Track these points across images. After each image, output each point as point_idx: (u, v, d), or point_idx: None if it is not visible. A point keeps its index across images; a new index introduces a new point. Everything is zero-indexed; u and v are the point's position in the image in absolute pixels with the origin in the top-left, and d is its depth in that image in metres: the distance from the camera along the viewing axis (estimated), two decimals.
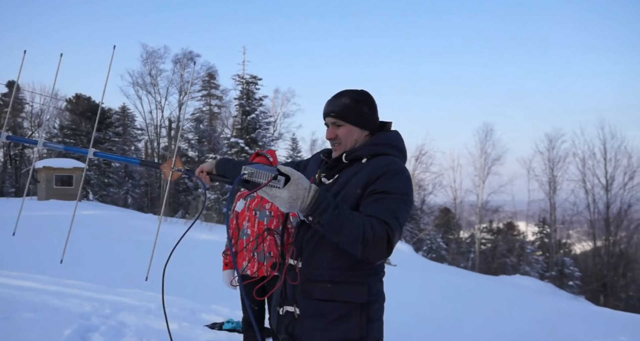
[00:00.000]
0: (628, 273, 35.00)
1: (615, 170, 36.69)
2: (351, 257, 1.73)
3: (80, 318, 4.90)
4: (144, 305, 5.88)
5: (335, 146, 1.91)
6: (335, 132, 1.87)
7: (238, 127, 28.88)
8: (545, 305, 13.79)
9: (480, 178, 40.13)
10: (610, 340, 8.49)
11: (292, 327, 1.87)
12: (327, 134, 1.90)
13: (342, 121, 1.86)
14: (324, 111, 1.91)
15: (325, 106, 1.91)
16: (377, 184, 1.73)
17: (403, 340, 5.53)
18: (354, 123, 1.87)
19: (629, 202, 35.86)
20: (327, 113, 1.89)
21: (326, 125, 1.92)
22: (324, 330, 1.79)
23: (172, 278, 8.42)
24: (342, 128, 1.87)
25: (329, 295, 1.79)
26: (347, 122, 1.86)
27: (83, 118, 39.44)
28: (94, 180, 37.51)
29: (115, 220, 19.35)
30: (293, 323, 1.87)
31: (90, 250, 11.18)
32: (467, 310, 9.82)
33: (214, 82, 42.15)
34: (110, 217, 20.25)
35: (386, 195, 1.71)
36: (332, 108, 1.87)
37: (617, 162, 36.78)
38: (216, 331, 5.07)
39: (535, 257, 38.39)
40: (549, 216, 38.89)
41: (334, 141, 1.89)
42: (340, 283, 1.79)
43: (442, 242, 39.61)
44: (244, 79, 28.85)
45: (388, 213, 1.66)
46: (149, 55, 40.60)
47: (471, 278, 22.19)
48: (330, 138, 1.89)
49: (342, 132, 1.87)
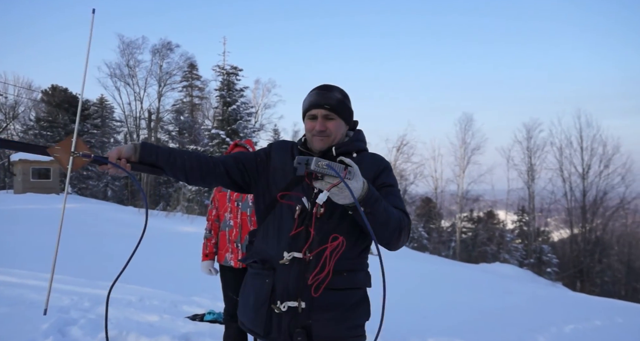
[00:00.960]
0: (603, 259, 35.91)
1: (591, 158, 37.50)
2: (359, 246, 1.86)
3: (58, 312, 4.83)
4: (124, 298, 5.83)
5: (321, 138, 1.88)
6: (326, 124, 1.87)
7: (219, 118, 28.61)
8: (524, 291, 14.07)
9: (461, 168, 40.59)
10: (585, 324, 8.70)
11: (298, 323, 1.78)
12: (319, 126, 1.86)
13: (335, 114, 1.88)
14: (316, 102, 1.87)
15: (317, 98, 1.88)
16: (383, 178, 1.89)
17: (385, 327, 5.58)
18: (343, 118, 1.91)
19: (605, 190, 36.71)
20: (320, 104, 1.86)
21: (312, 116, 1.88)
22: (341, 319, 1.82)
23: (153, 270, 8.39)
24: (333, 121, 1.88)
25: (346, 284, 1.83)
26: (339, 116, 1.89)
27: (60, 110, 38.64)
28: (73, 173, 36.81)
29: (94, 213, 19.08)
30: (298, 318, 1.78)
31: (69, 244, 11.01)
32: (448, 298, 9.96)
33: (195, 72, 41.65)
34: (89, 210, 19.95)
35: (393, 188, 1.89)
36: (327, 101, 1.87)
37: (593, 150, 37.58)
38: (197, 323, 5.05)
39: (514, 245, 39.07)
40: (527, 204, 39.58)
41: (323, 133, 1.87)
42: (353, 270, 1.86)
43: (424, 231, 40.05)
44: (224, 69, 28.54)
45: (403, 204, 1.84)
46: (127, 46, 39.89)
47: (452, 266, 22.49)
48: (321, 130, 1.86)
49: (333, 125, 1.88)
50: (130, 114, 42.48)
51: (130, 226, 17.06)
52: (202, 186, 1.99)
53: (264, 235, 1.91)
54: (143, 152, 1.82)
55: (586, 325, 8.64)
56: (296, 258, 1.79)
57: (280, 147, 2.00)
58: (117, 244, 11.93)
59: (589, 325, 8.65)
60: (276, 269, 1.82)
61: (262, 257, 1.88)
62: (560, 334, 7.42)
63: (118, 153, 1.76)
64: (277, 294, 1.80)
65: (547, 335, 7.11)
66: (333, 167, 1.57)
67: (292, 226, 1.82)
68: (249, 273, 1.97)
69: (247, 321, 1.90)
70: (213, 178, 1.92)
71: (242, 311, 1.95)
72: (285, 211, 1.85)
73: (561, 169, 38.24)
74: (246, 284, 1.97)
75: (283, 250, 1.81)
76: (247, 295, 1.92)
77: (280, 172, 1.91)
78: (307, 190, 1.84)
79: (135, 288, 6.45)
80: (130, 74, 40.76)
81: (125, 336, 4.34)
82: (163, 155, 1.85)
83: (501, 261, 34.07)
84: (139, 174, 38.10)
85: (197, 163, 1.87)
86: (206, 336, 4.55)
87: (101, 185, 39.02)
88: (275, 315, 1.80)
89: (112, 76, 40.52)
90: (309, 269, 1.77)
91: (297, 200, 1.84)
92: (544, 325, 7.87)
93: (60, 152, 1.73)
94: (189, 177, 1.88)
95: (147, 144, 1.85)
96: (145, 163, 1.83)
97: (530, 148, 39.87)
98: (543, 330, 7.40)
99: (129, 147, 1.80)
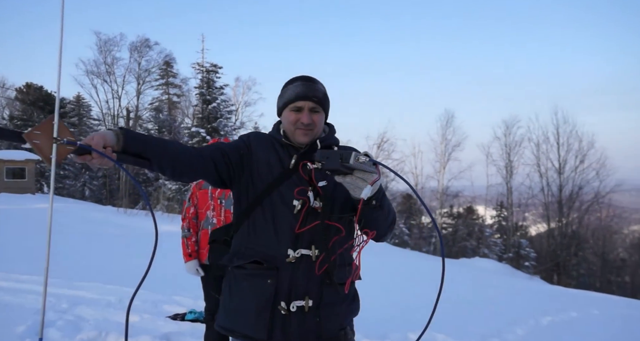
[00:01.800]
0: (579, 252, 36.70)
1: (568, 153, 38.33)
2: (348, 240, 1.80)
3: (35, 314, 4.74)
4: (103, 298, 5.76)
5: (306, 132, 1.80)
6: (312, 117, 1.80)
7: (199, 116, 28.39)
8: (502, 285, 14.31)
9: (441, 164, 40.98)
10: (562, 315, 8.91)
11: (306, 322, 1.73)
12: (306, 119, 1.77)
13: (320, 108, 1.82)
14: (303, 94, 1.79)
15: (304, 89, 1.80)
16: None
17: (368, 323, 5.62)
18: (326, 112, 1.87)
19: (580, 184, 37.55)
20: (308, 97, 1.79)
21: (297, 108, 1.80)
22: (345, 312, 1.83)
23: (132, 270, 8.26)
24: (318, 115, 1.82)
25: (346, 277, 1.79)
26: (324, 109, 1.85)
27: (35, 108, 37.83)
28: (48, 172, 36.15)
29: (72, 213, 18.75)
30: (306, 317, 1.73)
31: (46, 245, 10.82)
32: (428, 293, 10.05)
33: (172, 70, 41.18)
34: (66, 210, 19.60)
35: None
36: (315, 94, 1.80)
37: (569, 146, 38.41)
38: (178, 322, 5.02)
39: (493, 240, 39.63)
40: (506, 200, 40.17)
41: (309, 127, 1.79)
42: (349, 264, 1.85)
43: (405, 228, 40.35)
44: (203, 67, 28.31)
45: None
46: (104, 43, 39.22)
47: (433, 261, 22.71)
48: (308, 123, 1.78)
49: (318, 118, 1.82)
50: (108, 112, 41.87)
51: (108, 225, 16.83)
52: (184, 181, 1.78)
53: (251, 233, 1.79)
54: (128, 140, 1.53)
55: (563, 316, 8.85)
56: (304, 256, 1.73)
57: (259, 139, 1.88)
58: (96, 244, 11.76)
59: (565, 317, 8.86)
60: (280, 268, 1.72)
61: (261, 257, 1.74)
62: (537, 326, 7.57)
63: (103, 140, 1.44)
64: (281, 294, 1.71)
65: (524, 327, 7.25)
66: (369, 164, 1.58)
67: (293, 222, 1.73)
68: (239, 274, 1.79)
69: (243, 328, 1.75)
70: (201, 173, 1.74)
71: (234, 317, 1.78)
72: (279, 206, 1.75)
73: (538, 165, 39.01)
74: (236, 287, 1.80)
75: (287, 248, 1.73)
76: (241, 299, 1.77)
77: (265, 166, 1.81)
78: (298, 184, 1.76)
79: (114, 289, 6.37)
80: (108, 71, 40.16)
81: (104, 337, 4.29)
82: (151, 144, 1.60)
83: (481, 256, 34.54)
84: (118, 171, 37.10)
85: (187, 155, 1.68)
86: (187, 335, 4.52)
87: (78, 184, 38.32)
88: (279, 316, 1.71)
89: (88, 73, 39.87)
90: (318, 265, 1.72)
91: (291, 195, 1.75)
92: (522, 317, 8.02)
93: (40, 138, 1.35)
94: (176, 171, 1.66)
95: (130, 130, 1.58)
96: (130, 153, 1.54)
97: (508, 145, 40.49)
98: (521, 322, 7.55)
99: (110, 134, 1.48)
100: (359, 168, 1.56)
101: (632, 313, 11.08)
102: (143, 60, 40.04)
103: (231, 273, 1.84)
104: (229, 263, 1.83)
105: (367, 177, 1.58)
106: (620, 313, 10.68)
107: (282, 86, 1.89)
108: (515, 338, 6.36)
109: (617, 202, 41.68)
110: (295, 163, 1.79)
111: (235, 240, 1.87)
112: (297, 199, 1.75)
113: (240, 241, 1.83)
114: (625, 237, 47.75)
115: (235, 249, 1.84)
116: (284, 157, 1.82)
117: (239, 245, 1.83)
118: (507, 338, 6.25)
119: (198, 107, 28.96)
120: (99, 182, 40.05)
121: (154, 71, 40.51)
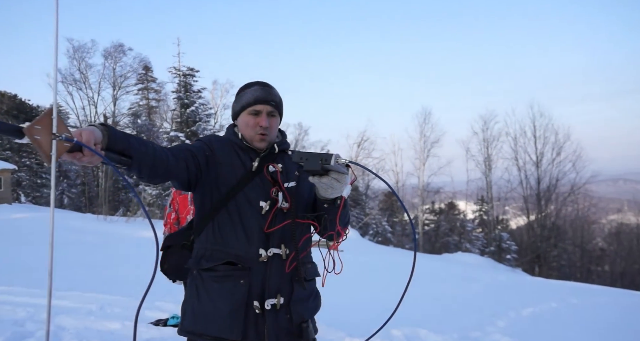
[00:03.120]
0: (559, 243, 37.37)
1: (544, 146, 38.97)
2: (311, 240, 1.91)
3: (13, 325, 4.67)
4: (83, 307, 5.69)
5: (263, 135, 1.83)
6: (270, 121, 1.83)
7: (177, 120, 28.11)
8: (484, 279, 14.50)
9: (421, 161, 41.29)
10: (542, 306, 9.09)
11: (279, 319, 1.76)
12: (264, 122, 1.80)
13: (277, 112, 1.87)
14: (262, 98, 1.82)
15: (262, 93, 1.83)
16: None
17: (351, 321, 5.66)
18: (281, 116, 1.91)
19: (557, 177, 38.21)
20: (267, 101, 1.82)
21: (256, 112, 1.82)
22: (312, 308, 1.90)
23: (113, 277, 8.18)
24: (274, 119, 1.86)
25: (313, 274, 1.92)
26: (279, 114, 1.89)
27: (9, 117, 37.01)
28: (26, 181, 35.47)
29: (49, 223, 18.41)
30: (278, 314, 1.76)
31: (24, 255, 10.63)
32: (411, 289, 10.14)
33: (150, 75, 40.71)
34: (45, 219, 19.21)
35: None
36: (273, 98, 1.84)
37: (545, 139, 39.06)
38: (160, 328, 4.99)
39: (475, 234, 40.08)
40: (486, 194, 40.68)
41: (266, 130, 1.82)
42: (313, 262, 1.96)
43: (387, 225, 40.57)
44: (180, 71, 28.05)
45: None
46: (76, 50, 38.53)
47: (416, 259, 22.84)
48: (267, 127, 1.82)
49: (274, 122, 1.86)
50: (85, 119, 41.16)
51: (88, 233, 16.60)
52: (156, 182, 1.70)
53: (217, 236, 1.79)
54: (112, 137, 1.44)
55: (543, 307, 9.03)
56: (276, 255, 1.77)
57: (220, 142, 1.88)
58: (75, 252, 11.59)
59: (545, 307, 9.04)
60: (252, 268, 1.74)
61: (233, 258, 1.75)
62: (518, 318, 7.71)
63: (92, 136, 1.33)
64: (254, 294, 1.74)
65: (506, 319, 7.38)
66: (342, 165, 1.65)
67: (262, 222, 1.76)
68: (208, 277, 1.77)
69: (216, 330, 1.73)
70: (174, 173, 1.70)
71: (204, 320, 1.76)
72: (246, 208, 1.77)
73: (516, 158, 39.58)
74: (205, 290, 1.77)
75: (258, 248, 1.75)
76: (212, 301, 1.75)
77: (228, 168, 1.82)
78: (262, 185, 1.80)
79: (94, 297, 6.31)
80: (82, 78, 39.49)
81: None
82: (134, 142, 1.51)
83: (463, 250, 34.91)
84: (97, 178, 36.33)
85: (164, 154, 1.64)
86: (169, 340, 4.50)
87: (57, 193, 37.65)
88: (253, 316, 1.73)
89: (63, 81, 39.15)
90: (287, 264, 1.78)
91: (257, 196, 1.78)
92: (504, 310, 8.16)
93: (41, 134, 1.23)
94: (153, 170, 1.59)
95: (112, 127, 1.48)
96: (114, 150, 1.45)
97: (486, 139, 41.01)
98: (502, 314, 7.68)
99: (97, 130, 1.38)
100: (337, 170, 1.62)
101: (610, 301, 11.35)
102: (118, 66, 39.49)
103: (197, 276, 1.81)
104: (196, 267, 1.81)
105: (342, 178, 1.64)
106: (598, 302, 10.94)
107: (238, 91, 1.92)
108: (496, 330, 6.46)
109: (593, 193, 42.57)
110: (259, 165, 1.83)
111: (198, 243, 1.86)
112: (265, 200, 1.79)
113: (204, 244, 1.82)
114: (604, 226, 48.80)
115: (200, 252, 1.82)
116: (245, 160, 1.85)
117: (204, 248, 1.82)
118: (488, 331, 6.35)
119: (176, 111, 28.68)
120: (77, 189, 39.41)
121: (130, 76, 39.99)
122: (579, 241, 39.46)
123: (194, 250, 1.88)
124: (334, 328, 5.08)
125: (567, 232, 39.53)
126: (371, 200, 44.73)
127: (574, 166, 38.19)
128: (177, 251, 1.96)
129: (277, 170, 1.83)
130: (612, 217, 54.91)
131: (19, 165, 33.78)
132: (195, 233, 1.88)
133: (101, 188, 35.52)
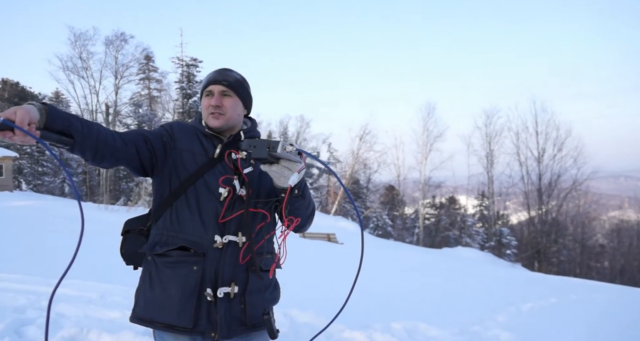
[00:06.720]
0: (559, 239, 37.44)
1: (546, 142, 38.92)
2: (271, 229, 1.87)
3: (14, 312, 4.68)
4: (84, 295, 5.70)
5: (216, 115, 1.82)
6: (222, 101, 1.83)
7: (179, 110, 28.13)
8: (484, 274, 14.54)
9: (423, 155, 41.25)
10: (542, 302, 9.10)
11: (232, 308, 1.75)
12: (214, 101, 1.80)
13: (232, 92, 1.84)
14: (213, 79, 1.85)
15: (214, 75, 1.86)
16: None
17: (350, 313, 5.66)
18: (241, 97, 1.88)
19: (559, 172, 38.20)
20: (218, 81, 1.84)
21: (208, 93, 1.85)
22: (269, 300, 1.87)
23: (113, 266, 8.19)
24: (230, 99, 1.84)
25: (270, 265, 1.86)
26: (237, 94, 1.86)
27: (11, 105, 37.00)
28: (27, 169, 35.54)
29: (51, 210, 18.47)
30: (231, 303, 1.75)
31: (25, 243, 10.65)
32: (411, 283, 10.18)
33: (152, 64, 40.58)
34: (45, 207, 19.30)
35: None
36: (225, 78, 1.85)
37: (547, 134, 39.00)
38: None
39: (475, 229, 40.18)
40: (487, 189, 40.68)
41: (218, 109, 1.82)
42: (272, 252, 1.91)
43: (388, 219, 40.65)
44: (183, 61, 28.04)
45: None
46: (77, 37, 38.38)
47: (416, 252, 22.95)
48: (216, 105, 1.81)
49: (230, 102, 1.84)
50: (86, 108, 41.14)
51: (88, 222, 16.60)
52: (104, 167, 1.69)
53: (174, 222, 1.77)
54: (52, 116, 1.42)
55: (542, 302, 9.04)
56: (231, 242, 1.75)
57: (182, 129, 1.88)
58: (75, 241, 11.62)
59: (545, 303, 9.06)
60: (206, 254, 1.72)
61: (187, 243, 1.73)
62: (518, 313, 7.73)
63: (27, 115, 1.33)
64: (207, 281, 1.71)
65: (505, 314, 7.39)
66: (295, 153, 1.61)
67: (220, 209, 1.75)
68: (161, 263, 1.74)
69: (166, 317, 1.70)
70: (123, 158, 1.67)
71: (155, 307, 1.72)
72: (204, 195, 1.76)
73: (518, 153, 39.54)
74: (157, 276, 1.74)
75: (214, 234, 1.74)
76: (164, 288, 1.72)
77: (189, 155, 1.81)
78: (223, 172, 1.79)
79: (94, 285, 6.32)
80: (84, 66, 39.37)
81: (86, 333, 4.25)
82: (76, 122, 1.49)
83: (463, 245, 35.03)
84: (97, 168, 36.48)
85: (110, 138, 1.60)
86: None
87: (57, 181, 37.71)
88: (205, 303, 1.71)
89: (64, 69, 39.05)
90: (243, 252, 1.75)
91: (216, 183, 1.77)
92: (503, 305, 8.17)
93: None
94: (98, 153, 1.57)
95: (54, 107, 1.46)
96: (54, 130, 1.44)
97: (489, 134, 40.96)
98: (502, 310, 7.69)
99: (33, 109, 1.37)
100: (286, 158, 1.60)
101: (609, 298, 11.38)
102: (119, 55, 39.33)
103: (151, 262, 1.78)
104: (151, 251, 1.78)
105: (293, 166, 1.63)
106: (597, 298, 10.96)
107: None
108: (495, 325, 6.47)
109: (594, 189, 42.61)
110: (220, 152, 1.81)
111: (154, 229, 1.83)
112: (224, 187, 1.77)
113: (161, 230, 1.80)
114: (604, 223, 48.85)
115: (156, 238, 1.80)
116: (207, 147, 1.84)
117: (160, 234, 1.79)
118: (488, 325, 6.36)
119: (178, 101, 28.66)
120: (78, 178, 39.46)
121: (132, 65, 39.87)
122: (579, 237, 39.52)
123: (150, 236, 1.84)
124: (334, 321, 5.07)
125: (568, 227, 39.59)
126: (372, 193, 44.76)
127: (575, 162, 38.21)
128: (135, 236, 1.91)
129: (239, 157, 1.81)
130: (612, 214, 54.96)
131: (21, 152, 33.83)
132: (153, 219, 1.85)
133: (102, 177, 35.58)
